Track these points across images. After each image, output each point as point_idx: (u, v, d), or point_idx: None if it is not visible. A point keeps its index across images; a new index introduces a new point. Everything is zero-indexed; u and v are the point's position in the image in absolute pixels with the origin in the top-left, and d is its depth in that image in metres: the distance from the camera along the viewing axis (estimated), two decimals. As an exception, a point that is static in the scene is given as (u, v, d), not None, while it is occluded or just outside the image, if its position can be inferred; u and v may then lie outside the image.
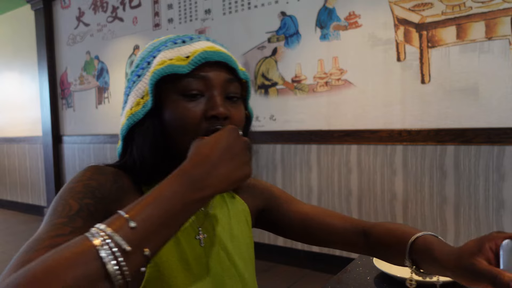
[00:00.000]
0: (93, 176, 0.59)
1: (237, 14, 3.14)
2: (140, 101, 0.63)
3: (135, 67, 0.67)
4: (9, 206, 5.44)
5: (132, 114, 0.63)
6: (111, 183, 0.60)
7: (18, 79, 5.20)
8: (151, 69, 0.62)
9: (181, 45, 0.64)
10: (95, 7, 4.20)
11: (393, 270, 0.93)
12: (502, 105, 2.17)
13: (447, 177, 2.34)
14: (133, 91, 0.65)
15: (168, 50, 0.63)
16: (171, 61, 0.61)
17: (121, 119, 0.68)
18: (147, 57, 0.66)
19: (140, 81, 0.64)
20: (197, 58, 0.61)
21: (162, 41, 0.67)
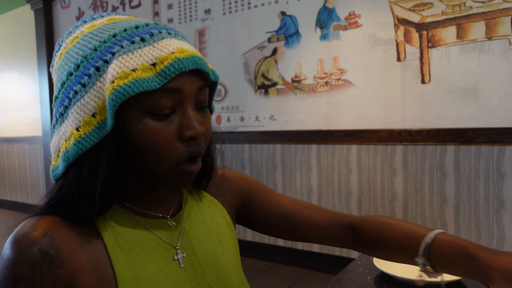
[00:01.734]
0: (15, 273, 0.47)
1: (237, 14, 3.14)
2: (90, 120, 0.50)
3: (73, 69, 0.52)
4: (9, 206, 5.44)
5: (82, 138, 0.50)
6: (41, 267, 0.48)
7: (18, 79, 5.20)
8: (108, 82, 0.49)
9: (141, 46, 0.50)
10: (95, 7, 4.20)
11: (393, 270, 0.93)
12: (502, 105, 2.17)
13: (447, 177, 2.34)
14: (76, 104, 0.51)
15: (127, 55, 0.49)
16: (136, 74, 0.48)
17: (57, 136, 0.54)
18: (92, 59, 0.51)
19: (87, 93, 0.50)
20: (169, 70, 0.50)
21: (109, 34, 0.52)
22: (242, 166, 3.18)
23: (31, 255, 0.48)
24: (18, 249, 0.48)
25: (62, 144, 0.52)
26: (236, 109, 3.19)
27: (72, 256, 0.50)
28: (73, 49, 0.53)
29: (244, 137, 3.15)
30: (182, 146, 0.53)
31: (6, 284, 0.48)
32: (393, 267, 0.95)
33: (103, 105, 0.50)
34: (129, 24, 0.53)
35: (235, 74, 3.18)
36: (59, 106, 0.53)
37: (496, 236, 2.22)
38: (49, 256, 0.49)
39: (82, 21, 0.57)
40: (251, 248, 3.10)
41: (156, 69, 0.49)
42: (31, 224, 0.51)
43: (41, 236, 0.49)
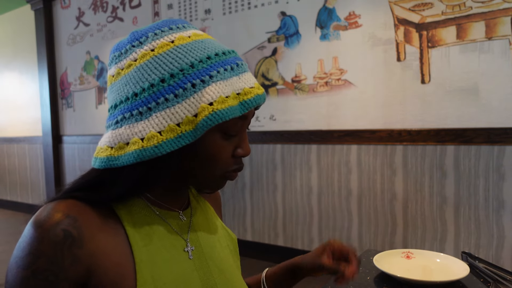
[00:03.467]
0: (38, 251, 0.51)
1: (237, 14, 3.14)
2: (175, 128, 0.55)
3: (167, 77, 0.55)
4: (9, 206, 5.44)
5: (164, 142, 0.54)
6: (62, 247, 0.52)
7: (18, 79, 5.20)
8: (205, 101, 0.55)
9: (231, 74, 0.58)
10: (95, 7, 4.20)
11: (393, 270, 0.93)
12: (502, 105, 2.17)
13: (447, 177, 2.34)
14: (164, 110, 0.55)
15: (222, 82, 0.56)
16: (228, 101, 0.56)
17: (128, 130, 0.57)
18: (190, 74, 0.56)
19: (178, 103, 0.55)
20: (252, 104, 0.59)
21: (204, 55, 0.57)
22: (242, 166, 3.18)
23: (54, 234, 0.52)
24: (42, 228, 0.52)
25: (136, 141, 0.55)
26: (236, 109, 3.19)
27: (93, 238, 0.54)
28: (166, 57, 0.57)
29: (244, 137, 3.14)
30: (232, 161, 0.62)
31: (27, 261, 0.51)
32: (393, 267, 0.95)
33: (192, 119, 0.55)
34: (218, 49, 0.60)
35: (235, 74, 3.17)
36: (141, 105, 0.56)
37: (496, 236, 2.22)
38: (71, 236, 0.52)
39: (167, 26, 0.60)
40: (251, 248, 3.10)
41: (239, 99, 0.58)
42: (54, 206, 0.55)
43: (64, 217, 0.53)
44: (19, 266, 0.52)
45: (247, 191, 3.17)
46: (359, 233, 2.68)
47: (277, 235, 3.01)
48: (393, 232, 2.54)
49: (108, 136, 0.59)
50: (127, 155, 0.56)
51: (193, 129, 0.55)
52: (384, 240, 2.58)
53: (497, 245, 2.22)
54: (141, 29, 0.60)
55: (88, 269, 0.53)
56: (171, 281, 0.59)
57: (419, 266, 1.00)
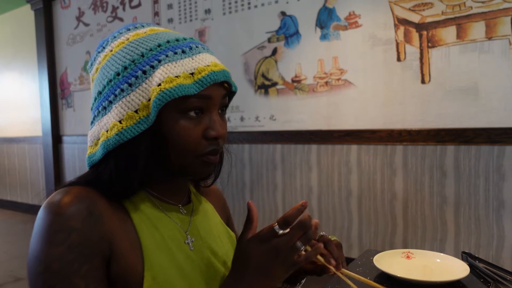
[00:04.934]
0: (68, 226, 0.53)
1: (237, 14, 3.14)
2: (133, 115, 0.58)
3: (121, 70, 0.60)
4: (9, 206, 5.45)
5: (124, 129, 0.58)
6: (89, 222, 0.55)
7: (18, 79, 5.20)
8: (154, 84, 0.57)
9: (182, 57, 0.60)
10: (95, 7, 4.20)
11: (393, 270, 0.93)
12: (502, 105, 2.17)
13: (447, 177, 2.34)
14: (121, 100, 0.59)
15: (171, 64, 0.59)
16: (178, 80, 0.58)
17: (97, 127, 0.62)
18: (140, 63, 0.59)
19: (133, 91, 0.58)
20: (206, 80, 0.59)
21: (154, 44, 0.61)
22: (242, 166, 3.18)
23: (79, 210, 0.54)
24: (66, 205, 0.54)
25: (103, 134, 0.60)
26: (236, 109, 3.19)
27: (110, 219, 0.58)
28: (120, 53, 0.61)
29: (244, 137, 3.15)
30: (205, 143, 0.62)
31: (60, 237, 0.52)
32: (393, 267, 0.95)
33: (147, 103, 0.58)
34: (170, 37, 0.62)
35: (235, 74, 3.18)
36: (103, 100, 0.61)
37: (496, 236, 2.22)
38: (94, 214, 0.56)
39: (125, 28, 0.66)
40: (251, 248, 3.10)
41: (194, 78, 0.59)
42: (72, 189, 0.57)
43: (85, 197, 0.56)
44: (51, 245, 0.52)
45: (247, 191, 3.17)
46: (359, 233, 2.68)
47: (277, 235, 3.01)
48: (393, 232, 2.54)
49: (88, 137, 0.65)
50: (98, 149, 0.61)
51: (149, 113, 0.58)
52: (384, 240, 2.58)
53: (497, 245, 2.22)
54: (106, 38, 0.67)
55: (110, 247, 0.56)
56: (174, 269, 0.61)
57: (419, 266, 1.00)
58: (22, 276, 2.95)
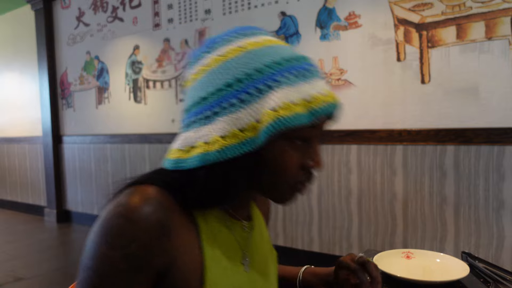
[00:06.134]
0: (132, 234, 0.51)
1: (237, 14, 3.14)
2: (238, 134, 0.54)
3: (233, 81, 0.55)
4: (9, 206, 5.45)
5: (226, 147, 0.54)
6: (155, 236, 0.52)
7: (18, 79, 5.21)
8: (269, 107, 0.53)
9: (301, 81, 0.55)
10: (95, 7, 4.20)
11: (393, 270, 0.93)
12: (502, 105, 2.17)
13: (447, 177, 2.34)
14: (228, 115, 0.55)
15: (289, 88, 0.54)
16: (295, 108, 0.53)
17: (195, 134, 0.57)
18: (256, 79, 0.55)
19: (242, 108, 0.54)
20: (322, 112, 0.55)
21: (272, 60, 0.56)
22: (242, 166, 3.18)
23: (150, 222, 0.52)
24: (138, 213, 0.52)
25: (201, 145, 0.56)
26: (236, 109, 3.19)
27: (178, 232, 0.55)
28: (234, 62, 0.56)
29: (244, 137, 3.14)
30: (302, 172, 0.59)
31: (119, 243, 0.51)
32: (393, 267, 0.95)
33: (256, 125, 0.54)
34: (289, 54, 0.58)
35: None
36: (207, 109, 0.57)
37: (496, 236, 2.22)
38: (164, 227, 0.53)
39: (237, 32, 0.60)
40: (251, 248, 3.10)
41: (310, 107, 0.55)
42: (148, 191, 0.55)
43: (159, 206, 0.53)
44: (109, 247, 0.51)
45: (247, 191, 3.17)
46: (359, 233, 2.68)
47: (277, 235, 3.01)
48: (393, 232, 2.55)
49: (179, 139, 0.60)
50: (192, 158, 0.56)
51: (256, 136, 0.54)
52: (384, 240, 2.58)
53: (497, 245, 2.22)
54: (214, 36, 0.61)
55: (170, 261, 0.54)
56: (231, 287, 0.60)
57: (419, 266, 1.00)
58: (22, 276, 2.95)
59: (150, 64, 3.76)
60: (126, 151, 3.99)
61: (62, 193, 4.68)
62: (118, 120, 4.06)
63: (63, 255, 3.60)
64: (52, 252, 3.59)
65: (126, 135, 3.97)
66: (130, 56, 3.92)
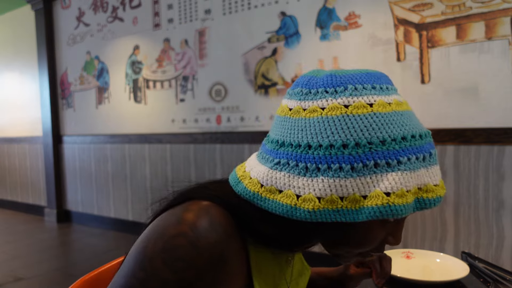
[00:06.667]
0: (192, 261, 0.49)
1: (237, 14, 3.15)
2: (336, 200, 0.49)
3: (352, 144, 0.49)
4: (9, 206, 5.45)
5: (319, 210, 0.50)
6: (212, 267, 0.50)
7: (18, 79, 5.21)
8: (382, 189, 0.48)
9: (420, 166, 0.51)
10: (95, 7, 4.20)
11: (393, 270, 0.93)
12: (502, 105, 2.17)
13: (447, 177, 2.34)
14: (333, 178, 0.49)
15: (409, 173, 0.49)
16: (407, 197, 0.48)
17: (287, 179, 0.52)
18: (377, 151, 0.49)
19: (352, 177, 0.49)
20: (429, 205, 0.51)
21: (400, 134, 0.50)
22: (242, 166, 3.18)
23: (212, 253, 0.49)
24: (206, 240, 0.49)
25: (291, 194, 0.52)
26: (236, 109, 3.19)
27: (233, 263, 0.53)
28: (358, 122, 0.50)
29: (244, 137, 3.15)
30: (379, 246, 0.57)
31: (177, 266, 0.48)
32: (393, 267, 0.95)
33: (359, 199, 0.49)
34: (415, 130, 0.52)
35: (235, 74, 3.18)
36: (311, 160, 0.51)
37: (496, 236, 2.22)
38: (222, 262, 0.50)
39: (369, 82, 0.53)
40: (251, 248, 3.10)
41: (419, 195, 0.50)
42: (217, 216, 0.52)
43: (225, 237, 0.51)
44: (165, 263, 0.48)
45: (247, 191, 3.17)
46: (359, 233, 2.68)
47: (277, 235, 3.01)
48: (393, 232, 2.54)
49: (263, 172, 0.55)
50: (276, 203, 0.52)
51: (356, 210, 0.49)
52: (384, 240, 2.58)
53: (497, 245, 2.22)
54: (341, 75, 0.54)
55: None
56: None
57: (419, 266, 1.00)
58: (22, 276, 2.95)
59: (150, 64, 3.76)
60: (126, 151, 3.99)
61: (62, 193, 4.68)
62: (118, 120, 4.06)
63: (63, 255, 3.60)
64: (52, 252, 3.59)
65: (126, 135, 3.98)
66: (130, 56, 3.92)
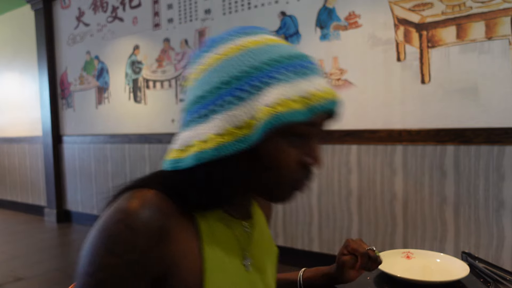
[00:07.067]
0: (133, 241, 0.51)
1: (237, 14, 3.14)
2: (234, 131, 0.54)
3: (231, 78, 0.55)
4: (9, 206, 5.45)
5: (223, 144, 0.53)
6: (155, 242, 0.52)
7: (18, 79, 5.20)
8: (265, 104, 0.53)
9: (299, 78, 0.55)
10: (95, 7, 4.20)
11: (393, 270, 0.93)
12: (502, 105, 2.17)
13: (447, 177, 2.34)
14: (224, 113, 0.54)
15: (286, 84, 0.53)
16: (292, 104, 0.53)
17: (192, 133, 0.57)
18: (253, 76, 0.54)
19: (238, 106, 0.54)
20: (320, 109, 0.55)
21: (270, 57, 0.55)
22: (242, 166, 3.18)
23: (150, 229, 0.51)
24: (139, 219, 0.51)
25: (197, 143, 0.55)
26: (236, 109, 3.19)
27: (177, 239, 0.54)
28: (232, 60, 0.56)
29: (244, 137, 3.14)
30: (300, 170, 0.58)
31: (120, 250, 0.50)
32: (393, 267, 0.95)
33: (252, 122, 0.53)
34: (289, 52, 0.57)
35: (235, 74, 3.17)
36: (204, 107, 0.56)
37: (496, 236, 2.22)
38: (163, 233, 0.52)
39: (237, 32, 0.59)
40: (251, 248, 3.10)
41: (307, 103, 0.54)
42: (148, 197, 0.54)
43: (159, 212, 0.53)
44: (108, 252, 0.50)
45: (247, 191, 3.17)
46: (359, 233, 2.68)
47: (277, 234, 3.01)
48: (393, 232, 2.55)
49: (177, 139, 0.59)
50: (189, 157, 0.56)
51: (252, 133, 0.53)
52: (384, 240, 2.58)
53: (497, 245, 2.22)
54: (215, 36, 0.60)
55: (169, 266, 0.53)
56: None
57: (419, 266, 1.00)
58: (22, 276, 2.95)
59: (150, 64, 3.76)
60: (126, 151, 3.99)
61: (62, 193, 4.68)
62: (118, 120, 4.06)
63: (63, 255, 3.60)
64: (52, 252, 3.59)
65: (126, 135, 3.97)
66: (130, 56, 3.92)
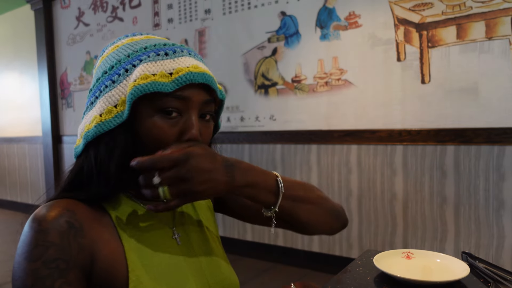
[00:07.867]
0: (46, 242, 0.55)
1: (237, 14, 3.14)
2: (112, 109, 0.61)
3: (108, 68, 0.64)
4: (9, 206, 5.44)
5: (102, 122, 0.61)
6: (68, 236, 0.56)
7: (18, 79, 5.20)
8: (132, 81, 0.60)
9: (164, 59, 0.62)
10: (95, 7, 4.20)
11: (393, 270, 0.93)
12: (502, 105, 2.17)
13: (447, 177, 2.34)
14: (104, 95, 0.63)
15: (150, 63, 0.61)
16: (154, 77, 0.60)
17: (84, 120, 0.65)
18: (124, 62, 0.63)
19: (114, 87, 0.62)
20: (182, 79, 0.60)
21: (141, 46, 0.64)
22: (242, 166, 3.17)
23: (59, 225, 0.56)
24: (47, 221, 0.56)
25: (86, 126, 0.63)
26: (236, 109, 3.19)
27: (91, 228, 0.60)
28: (112, 55, 0.66)
29: (244, 137, 3.15)
30: None
31: (37, 253, 0.54)
32: (393, 267, 0.95)
33: (125, 99, 0.61)
34: (159, 42, 0.65)
35: (235, 74, 3.18)
36: (91, 96, 0.66)
37: (496, 236, 2.22)
38: (74, 227, 0.57)
39: (125, 36, 0.70)
40: (251, 248, 3.10)
41: (172, 78, 0.60)
42: (53, 203, 0.60)
43: (65, 210, 0.58)
44: (28, 260, 0.54)
45: (247, 191, 3.17)
46: (359, 233, 2.68)
47: (277, 235, 3.01)
48: (393, 232, 2.54)
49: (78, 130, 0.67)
50: (81, 142, 0.64)
51: (126, 108, 0.61)
52: (384, 240, 2.58)
53: (497, 245, 2.22)
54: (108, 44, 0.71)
55: (91, 256, 0.58)
56: (160, 264, 0.64)
57: (419, 266, 1.00)
58: (22, 276, 2.95)
59: (150, 64, 3.76)
60: (126, 151, 3.98)
61: (62, 193, 4.67)
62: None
63: (63, 255, 3.60)
64: (52, 252, 3.59)
65: (126, 135, 3.97)
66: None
